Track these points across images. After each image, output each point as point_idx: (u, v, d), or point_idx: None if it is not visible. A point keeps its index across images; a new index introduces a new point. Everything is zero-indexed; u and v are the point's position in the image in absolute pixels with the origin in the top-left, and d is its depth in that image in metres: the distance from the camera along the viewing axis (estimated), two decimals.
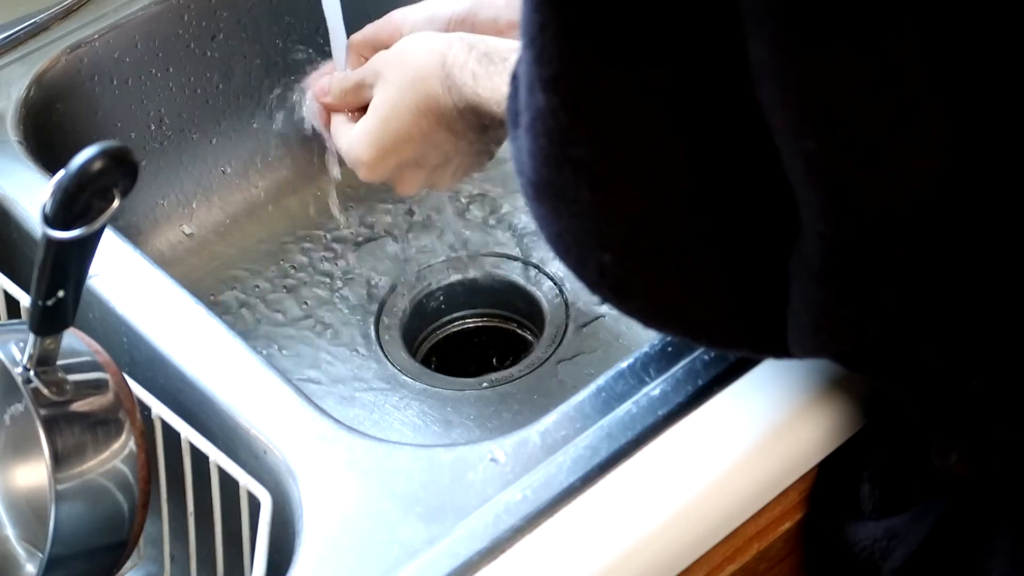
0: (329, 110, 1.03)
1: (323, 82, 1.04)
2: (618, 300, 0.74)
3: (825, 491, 0.90)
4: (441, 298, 1.19)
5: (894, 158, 0.66)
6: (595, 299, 1.15)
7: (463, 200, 1.24)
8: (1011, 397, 0.76)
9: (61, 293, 0.81)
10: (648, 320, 0.75)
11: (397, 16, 1.03)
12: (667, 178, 0.69)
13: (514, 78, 0.75)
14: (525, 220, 1.22)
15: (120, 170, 0.76)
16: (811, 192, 0.66)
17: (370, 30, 1.04)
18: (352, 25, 1.07)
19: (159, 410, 0.89)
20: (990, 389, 0.76)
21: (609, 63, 0.67)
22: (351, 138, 0.98)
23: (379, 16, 1.07)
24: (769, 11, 0.63)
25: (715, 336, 0.75)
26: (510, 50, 0.91)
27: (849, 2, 0.63)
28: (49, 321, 0.82)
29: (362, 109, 1.00)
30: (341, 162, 1.07)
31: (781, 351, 0.74)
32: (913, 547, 0.85)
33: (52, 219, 0.77)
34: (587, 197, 0.70)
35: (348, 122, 1.01)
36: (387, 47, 1.01)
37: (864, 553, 0.87)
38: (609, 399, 0.87)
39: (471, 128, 0.94)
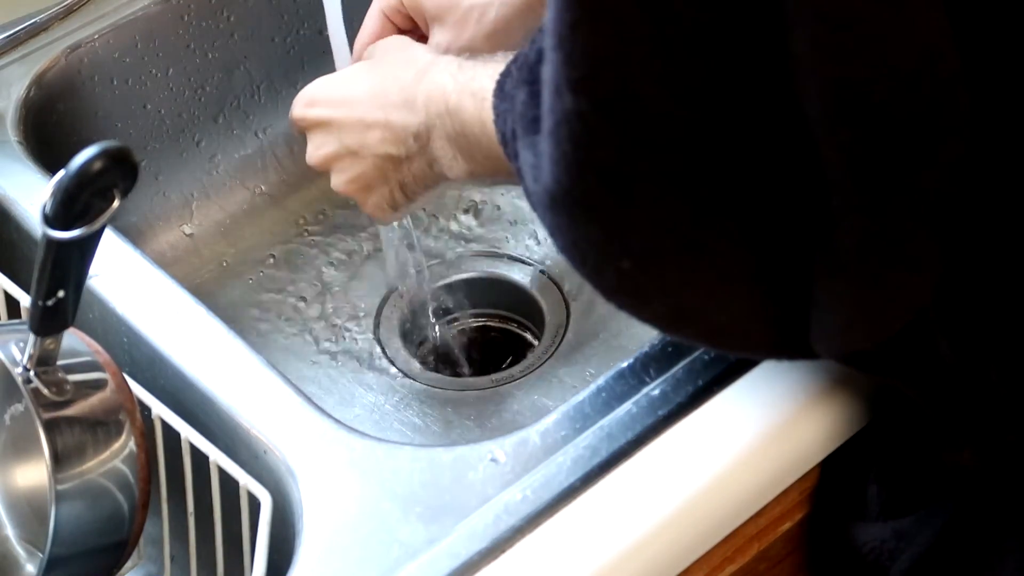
0: None
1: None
2: (636, 306, 0.74)
3: (831, 491, 0.90)
4: (441, 298, 1.19)
5: (927, 145, 0.66)
6: (595, 299, 1.16)
7: (463, 200, 1.24)
8: None
9: (61, 293, 0.81)
10: (666, 325, 0.75)
11: None
12: (694, 178, 0.68)
13: (533, 83, 0.74)
14: (525, 220, 1.22)
15: (120, 170, 0.76)
16: (844, 182, 0.66)
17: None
18: (353, 25, 1.06)
19: (159, 410, 0.89)
20: (1009, 381, 0.76)
21: (641, 61, 0.66)
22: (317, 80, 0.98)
23: None
24: (808, 2, 0.63)
25: (733, 339, 0.75)
26: (493, 54, 0.90)
27: None
28: (49, 321, 0.82)
29: None
30: None
31: (799, 353, 0.73)
32: (922, 549, 0.85)
33: (52, 219, 0.77)
34: (610, 202, 0.70)
35: None
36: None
37: (872, 554, 0.87)
38: (609, 399, 0.87)
39: (402, 138, 0.92)
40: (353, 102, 0.94)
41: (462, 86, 0.88)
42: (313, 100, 0.96)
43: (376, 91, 0.93)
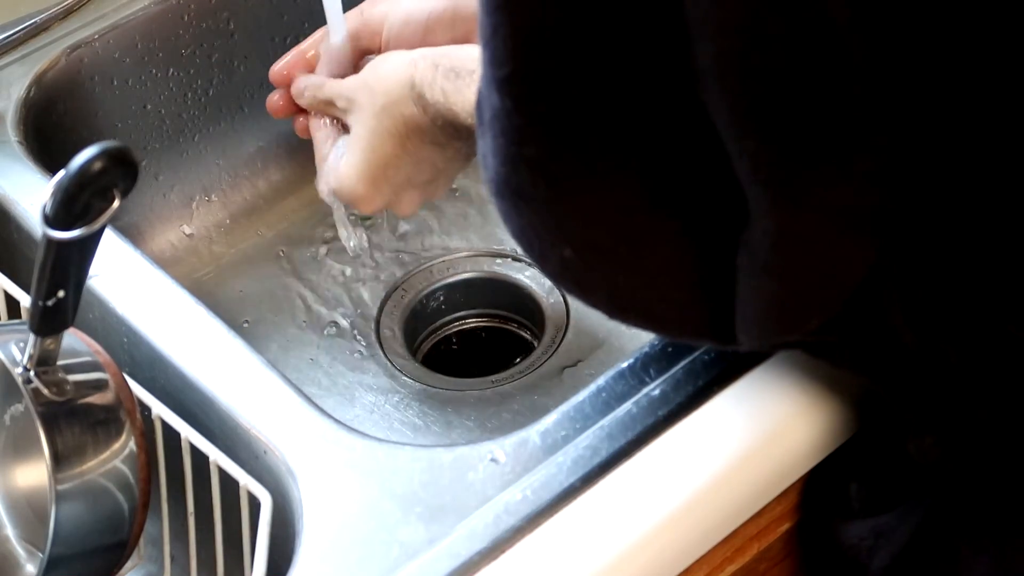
0: (304, 111, 1.01)
1: (299, 83, 1.02)
2: (581, 293, 0.76)
3: (816, 490, 0.91)
4: (441, 298, 1.19)
5: (836, 159, 0.66)
6: None
7: (462, 200, 1.24)
8: (988, 371, 0.76)
9: (61, 293, 0.81)
10: (611, 311, 0.76)
11: (376, 16, 1.01)
12: (621, 174, 0.70)
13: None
14: None
15: (120, 170, 0.76)
16: (756, 188, 0.67)
17: (348, 29, 1.02)
18: None
19: (159, 410, 0.89)
20: (968, 363, 0.76)
21: (559, 64, 0.67)
22: (340, 176, 0.97)
23: None
24: (709, 15, 0.64)
25: (676, 327, 0.76)
26: (476, 60, 0.91)
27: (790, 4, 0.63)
28: (49, 321, 0.82)
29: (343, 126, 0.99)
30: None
31: (729, 341, 0.74)
32: (899, 546, 0.85)
33: (52, 219, 0.77)
34: (544, 194, 0.71)
35: (334, 161, 0.99)
36: (368, 49, 1.01)
37: (852, 552, 0.87)
38: (609, 399, 0.87)
39: (455, 137, 0.94)
40: (399, 159, 0.95)
41: (462, 111, 0.90)
42: (369, 193, 0.96)
43: (403, 136, 0.94)
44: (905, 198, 0.69)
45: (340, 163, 0.97)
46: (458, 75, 0.90)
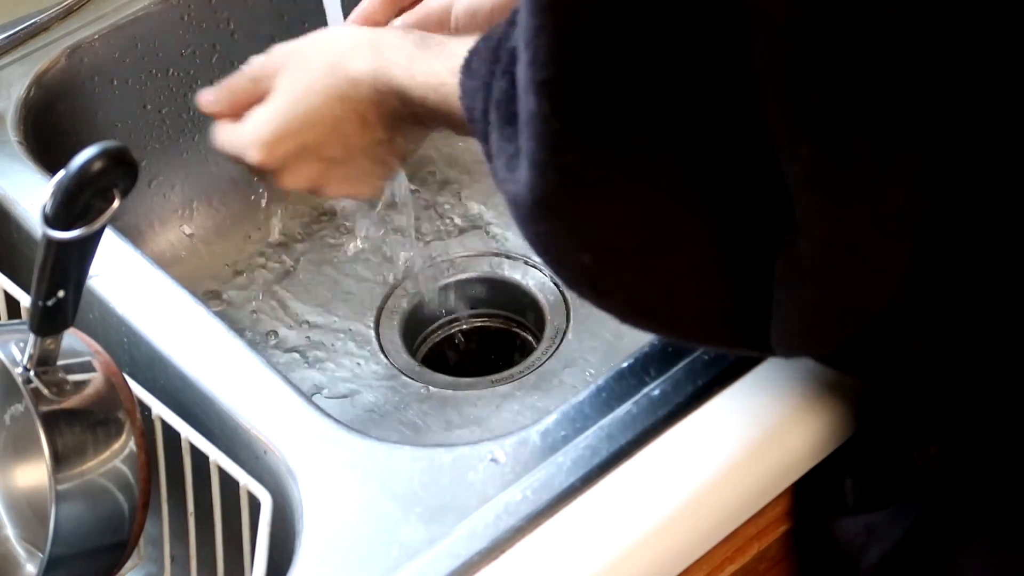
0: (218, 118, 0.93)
1: (206, 93, 0.93)
2: (596, 297, 0.75)
3: (812, 486, 0.91)
4: (441, 298, 1.19)
5: (887, 162, 0.66)
6: None
7: (463, 200, 1.24)
8: (998, 383, 0.76)
9: (61, 293, 0.81)
10: (626, 317, 0.76)
11: (436, 9, 0.96)
12: (654, 180, 0.69)
13: (492, 74, 0.75)
14: None
15: (120, 170, 0.76)
16: (807, 195, 0.67)
17: (420, 13, 0.96)
18: None
19: (159, 410, 0.89)
20: (979, 376, 0.76)
21: (601, 69, 0.67)
22: (252, 118, 0.90)
23: None
24: (770, 19, 0.63)
25: (693, 333, 0.76)
26: (446, 37, 0.87)
27: (847, 5, 0.63)
28: (49, 321, 0.82)
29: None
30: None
31: (759, 348, 0.74)
32: (890, 544, 0.85)
33: (52, 219, 0.77)
34: (571, 202, 0.71)
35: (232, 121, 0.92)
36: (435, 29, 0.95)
37: (844, 548, 0.87)
38: (609, 399, 0.87)
39: (383, 121, 0.88)
40: (322, 118, 0.88)
41: (422, 83, 0.85)
42: (276, 139, 0.89)
43: (336, 97, 0.88)
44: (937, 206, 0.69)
45: (258, 109, 0.90)
46: (427, 45, 0.86)
